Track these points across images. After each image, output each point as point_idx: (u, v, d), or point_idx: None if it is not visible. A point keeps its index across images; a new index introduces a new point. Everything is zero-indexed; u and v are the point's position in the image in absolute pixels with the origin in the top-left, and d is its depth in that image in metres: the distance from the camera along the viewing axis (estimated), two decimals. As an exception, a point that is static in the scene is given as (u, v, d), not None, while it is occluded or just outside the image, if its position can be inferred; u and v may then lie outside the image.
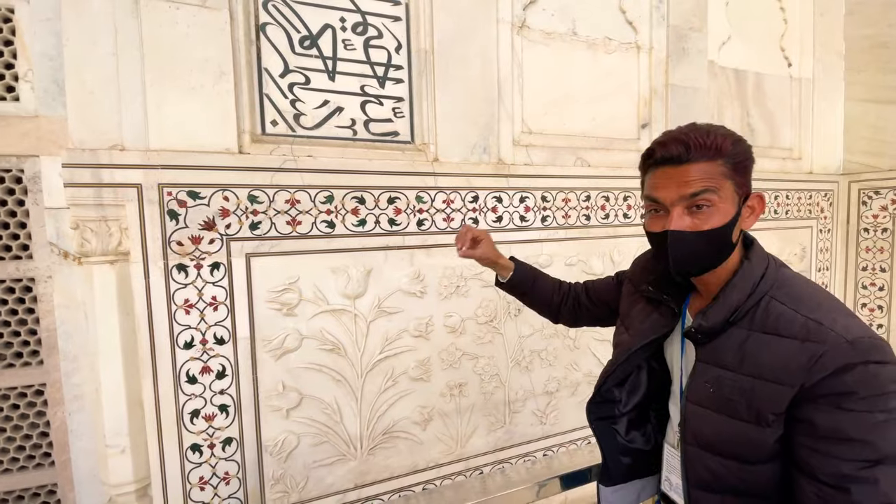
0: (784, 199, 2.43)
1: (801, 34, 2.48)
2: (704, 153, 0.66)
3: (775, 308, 0.66)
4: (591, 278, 1.17)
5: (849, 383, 0.58)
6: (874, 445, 0.58)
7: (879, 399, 0.58)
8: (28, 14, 1.28)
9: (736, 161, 0.67)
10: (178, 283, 1.29)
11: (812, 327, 0.62)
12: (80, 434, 1.36)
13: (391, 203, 1.52)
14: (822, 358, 0.60)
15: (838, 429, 0.59)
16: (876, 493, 0.57)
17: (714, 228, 0.67)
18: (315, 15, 1.44)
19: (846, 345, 0.60)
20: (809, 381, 0.60)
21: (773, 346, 0.64)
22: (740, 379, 0.66)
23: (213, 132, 1.30)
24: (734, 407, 0.66)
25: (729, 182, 0.67)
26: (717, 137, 0.67)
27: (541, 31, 1.79)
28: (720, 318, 0.69)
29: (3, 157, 1.27)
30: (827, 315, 0.63)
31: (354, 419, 1.53)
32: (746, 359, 0.66)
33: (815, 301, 0.66)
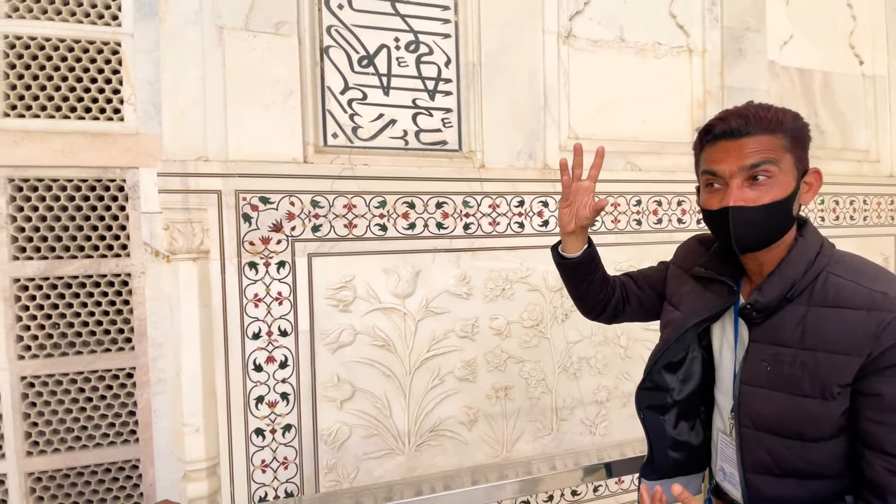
0: (861, 204, 2.29)
1: (872, 31, 2.36)
2: (765, 126, 0.68)
3: (834, 282, 0.67)
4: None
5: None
6: None
7: None
8: (132, 47, 1.53)
9: (795, 135, 0.69)
10: (249, 279, 1.46)
11: (877, 297, 0.63)
12: (162, 414, 1.55)
13: (439, 208, 1.63)
14: (891, 325, 0.60)
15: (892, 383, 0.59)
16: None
17: (775, 201, 0.68)
18: (372, 36, 1.60)
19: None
20: (878, 349, 0.60)
21: (836, 317, 0.64)
22: (801, 354, 0.66)
23: (282, 144, 1.48)
24: (795, 383, 0.66)
25: (789, 155, 0.69)
26: (777, 112, 0.70)
27: (587, 39, 1.85)
28: (777, 294, 0.69)
29: (110, 168, 1.52)
30: (890, 285, 0.64)
31: (403, 414, 1.62)
32: (807, 333, 0.66)
33: (874, 273, 0.67)
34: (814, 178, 0.72)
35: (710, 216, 0.74)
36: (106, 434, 1.55)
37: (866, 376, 0.61)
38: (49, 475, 1.50)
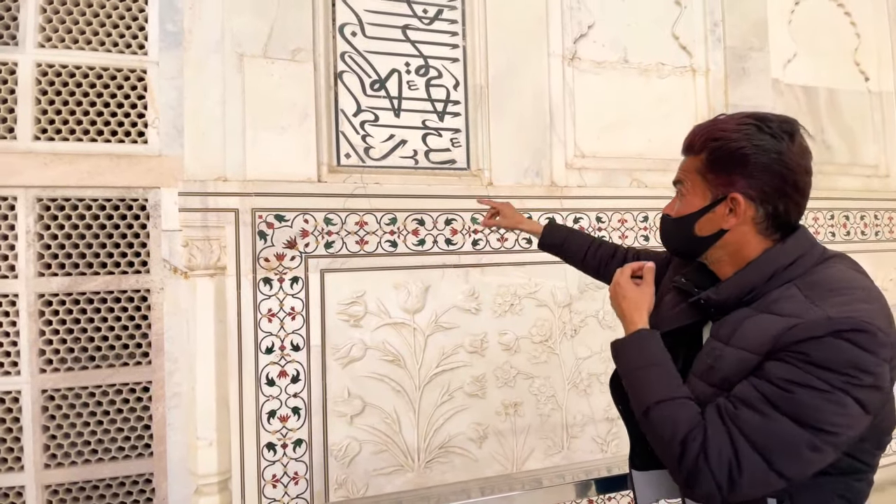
0: (872, 219, 2.30)
1: (877, 47, 2.42)
2: (687, 146, 0.75)
3: (789, 292, 0.66)
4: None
5: (805, 348, 0.58)
6: (789, 397, 0.57)
7: (828, 372, 0.57)
8: (157, 74, 1.63)
9: (710, 157, 0.71)
10: (264, 295, 1.51)
11: (804, 307, 0.62)
12: (176, 428, 1.59)
13: (448, 224, 1.69)
14: (794, 329, 0.59)
15: (770, 371, 0.60)
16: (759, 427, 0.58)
17: (679, 217, 0.75)
18: (384, 62, 1.69)
19: (824, 319, 0.58)
20: (774, 349, 0.61)
21: (760, 319, 0.65)
22: (724, 349, 0.67)
23: (297, 164, 1.56)
24: (711, 374, 0.68)
25: (699, 177, 0.72)
26: (699, 133, 0.73)
27: (591, 61, 1.93)
28: (731, 294, 0.70)
29: (133, 188, 1.60)
30: (834, 299, 0.61)
31: (412, 430, 1.64)
32: (737, 333, 0.67)
33: (832, 287, 0.64)
34: (734, 204, 0.69)
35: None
36: (121, 447, 1.60)
37: (762, 363, 0.62)
38: (66, 488, 1.55)
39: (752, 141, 0.67)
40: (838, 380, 0.57)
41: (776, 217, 0.69)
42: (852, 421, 0.58)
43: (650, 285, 0.82)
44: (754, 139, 0.67)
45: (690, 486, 0.63)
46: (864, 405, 0.58)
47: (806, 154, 0.69)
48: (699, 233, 0.73)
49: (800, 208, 0.70)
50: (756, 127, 0.68)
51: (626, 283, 0.82)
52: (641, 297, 0.80)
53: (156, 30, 1.62)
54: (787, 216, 0.69)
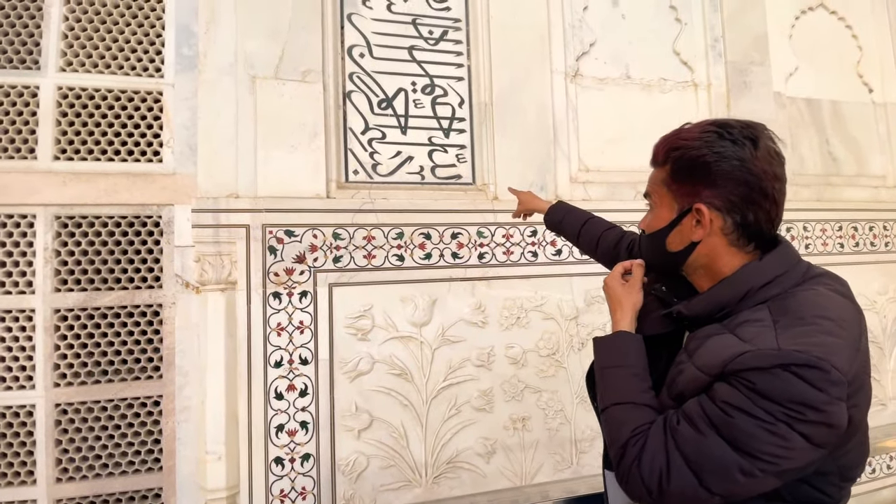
0: (881, 230, 2.30)
1: (880, 59, 2.45)
2: (653, 160, 0.74)
3: (758, 315, 0.63)
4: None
5: (751, 377, 0.57)
6: (728, 421, 0.57)
7: (770, 403, 0.55)
8: (173, 96, 1.71)
9: (674, 167, 0.69)
10: (273, 309, 1.55)
11: (765, 334, 0.59)
12: (186, 442, 1.61)
13: (454, 238, 1.72)
14: (741, 358, 0.57)
15: (716, 392, 0.59)
16: (693, 443, 0.59)
17: (651, 232, 0.74)
18: (391, 81, 1.75)
19: (773, 351, 0.56)
20: (723, 372, 0.59)
21: (723, 341, 0.62)
22: (686, 364, 0.66)
23: (307, 181, 1.61)
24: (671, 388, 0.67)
25: (665, 189, 0.71)
26: (660, 146, 0.71)
27: (594, 77, 1.98)
28: (702, 310, 0.68)
29: (148, 206, 1.66)
30: (796, 329, 0.59)
31: (420, 445, 1.65)
32: (700, 349, 0.65)
33: (801, 315, 0.61)
34: (701, 215, 0.67)
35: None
36: (132, 462, 1.62)
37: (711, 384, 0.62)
38: (76, 502, 1.57)
39: (713, 148, 0.65)
40: (780, 412, 0.55)
41: (746, 227, 0.66)
42: (794, 454, 0.56)
43: (636, 285, 0.81)
44: (715, 146, 0.65)
45: (624, 487, 0.65)
46: (810, 439, 0.55)
47: (774, 160, 0.66)
48: (671, 247, 0.72)
49: (771, 217, 0.67)
50: (717, 134, 0.66)
51: (614, 281, 0.82)
52: (626, 298, 0.79)
53: (172, 53, 1.70)
54: (757, 226, 0.66)
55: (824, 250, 2.21)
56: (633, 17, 2.05)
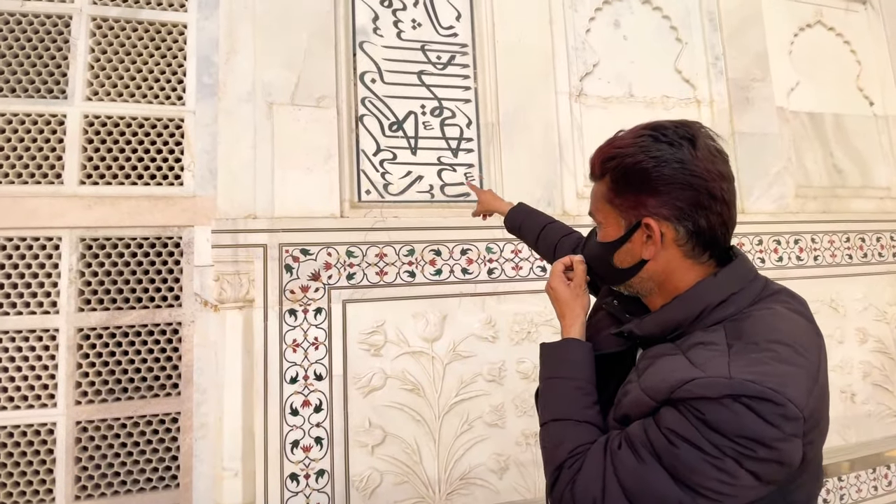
0: (888, 240, 2.33)
1: (879, 72, 2.51)
2: (594, 170, 0.67)
3: (712, 337, 0.58)
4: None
5: (701, 407, 0.52)
6: (672, 451, 0.52)
7: (720, 438, 0.50)
8: (193, 122, 1.80)
9: (614, 178, 0.63)
10: (289, 326, 1.60)
11: (714, 358, 0.54)
12: (202, 459, 1.65)
13: (464, 254, 1.77)
14: (690, 383, 0.53)
15: (664, 419, 0.54)
16: (631, 469, 0.55)
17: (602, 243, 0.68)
18: (401, 105, 1.84)
19: (724, 380, 0.51)
20: (670, 398, 0.55)
21: (673, 363, 0.57)
22: (632, 384, 0.62)
23: (321, 201, 1.68)
24: (617, 408, 0.63)
25: (608, 205, 0.65)
26: (601, 154, 0.65)
27: (598, 96, 2.05)
28: (653, 331, 0.64)
29: (169, 227, 1.74)
30: (751, 356, 0.54)
31: (433, 461, 1.67)
32: (649, 369, 0.60)
33: (755, 340, 0.56)
34: (651, 231, 0.62)
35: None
36: (149, 479, 1.66)
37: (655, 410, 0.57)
38: (95, 520, 1.60)
39: (650, 153, 0.60)
40: (730, 447, 0.50)
41: (700, 234, 0.61)
42: (739, 491, 0.52)
43: (581, 284, 0.76)
44: (651, 151, 0.60)
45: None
46: (759, 477, 0.51)
47: (716, 158, 0.61)
48: (619, 265, 0.66)
49: (724, 219, 0.61)
50: (651, 137, 0.61)
51: (558, 283, 0.76)
52: (574, 300, 0.74)
53: (193, 82, 1.80)
54: (712, 232, 0.61)
55: (833, 262, 2.23)
56: (634, 38, 2.14)
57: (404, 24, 1.88)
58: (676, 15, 2.20)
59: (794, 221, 2.21)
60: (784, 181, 2.25)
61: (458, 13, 1.94)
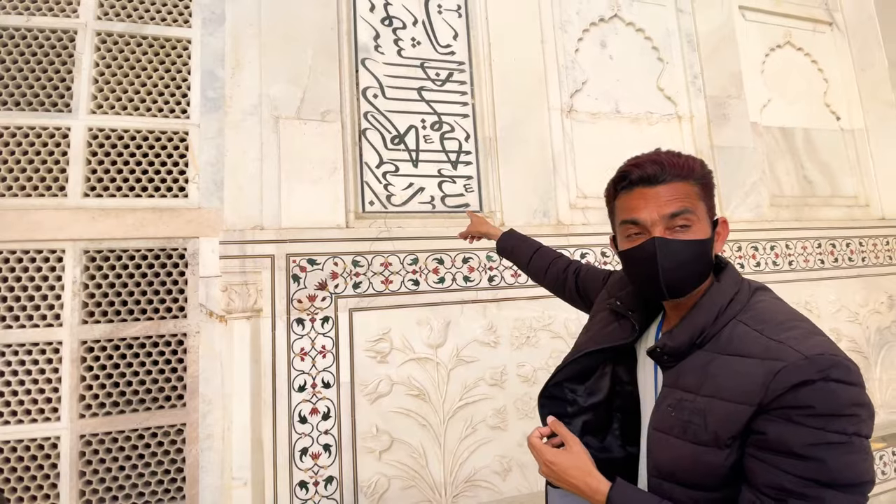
0: (857, 246, 2.51)
1: (844, 90, 2.73)
2: (678, 172, 0.70)
3: (740, 330, 0.67)
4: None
5: (805, 398, 0.58)
6: (823, 465, 0.57)
7: (836, 419, 0.57)
8: (198, 135, 1.84)
9: (704, 182, 0.72)
10: (297, 335, 1.65)
11: (773, 346, 0.62)
12: (209, 470, 1.67)
13: (465, 262, 1.86)
14: (780, 374, 0.59)
15: (785, 441, 0.58)
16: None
17: (700, 240, 0.70)
18: (402, 119, 1.92)
19: (804, 361, 0.59)
20: (766, 399, 0.60)
21: (733, 365, 0.64)
22: (699, 400, 0.66)
23: (327, 212, 1.74)
24: (693, 430, 0.65)
25: (701, 203, 0.72)
26: (688, 159, 0.72)
27: (587, 112, 2.18)
28: (685, 339, 0.69)
29: (173, 238, 1.77)
30: (789, 334, 0.63)
31: (438, 465, 1.73)
32: (707, 380, 0.66)
33: (779, 321, 0.66)
34: (722, 228, 0.74)
35: (633, 254, 0.73)
36: (154, 491, 1.67)
37: (757, 417, 0.61)
38: (99, 535, 1.60)
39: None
40: (847, 424, 0.57)
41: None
42: (871, 459, 0.58)
43: (572, 438, 0.75)
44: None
45: None
46: (868, 436, 0.58)
47: None
48: (712, 259, 0.73)
49: None
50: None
51: (554, 456, 0.74)
52: (581, 458, 0.73)
53: (197, 96, 1.85)
54: None
55: (806, 266, 2.40)
56: (619, 58, 2.28)
57: (404, 42, 1.98)
58: (657, 36, 2.36)
59: (770, 229, 2.38)
60: (759, 191, 2.42)
61: (456, 33, 2.05)
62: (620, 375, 0.83)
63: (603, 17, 2.27)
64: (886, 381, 2.44)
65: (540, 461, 0.76)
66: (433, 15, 2.03)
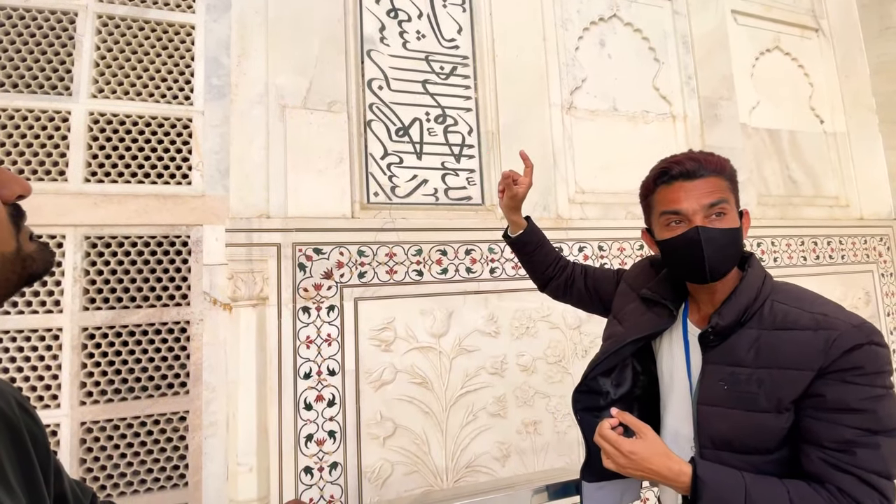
0: (838, 244, 2.64)
1: (828, 94, 2.85)
2: (713, 168, 0.80)
3: (780, 308, 0.77)
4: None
5: (856, 360, 0.70)
6: (875, 415, 0.68)
7: (879, 376, 0.70)
8: (202, 123, 1.84)
9: (732, 178, 0.83)
10: (302, 323, 1.67)
11: (820, 319, 0.73)
12: (212, 457, 1.68)
13: (468, 254, 1.90)
14: (838, 340, 0.70)
15: (843, 399, 0.69)
16: (878, 458, 0.67)
17: (734, 227, 0.80)
18: (407, 112, 1.95)
19: (854, 329, 0.71)
20: (827, 361, 0.70)
21: (787, 338, 0.74)
22: (757, 372, 0.74)
23: (333, 202, 1.76)
24: (752, 399, 0.74)
25: (732, 196, 0.82)
26: (719, 158, 0.83)
27: (586, 109, 2.24)
28: (733, 318, 0.78)
29: (177, 226, 1.77)
30: (828, 308, 0.76)
31: (440, 451, 1.78)
32: (762, 353, 0.75)
33: (811, 299, 0.79)
34: (745, 218, 0.84)
35: (676, 243, 0.80)
36: (157, 478, 1.67)
37: (814, 382, 0.71)
38: (101, 521, 1.60)
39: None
40: (887, 378, 0.70)
41: None
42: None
43: (644, 425, 0.79)
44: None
45: None
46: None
47: None
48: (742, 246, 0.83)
49: None
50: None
51: (632, 445, 0.76)
52: (659, 444, 0.77)
53: (201, 83, 1.84)
54: None
55: (790, 263, 2.52)
56: (617, 57, 2.35)
57: (409, 35, 2.00)
58: (654, 37, 2.43)
59: (757, 227, 2.48)
60: (747, 191, 2.52)
61: (460, 27, 2.08)
62: (635, 366, 0.92)
63: (602, 16, 2.33)
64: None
65: (615, 453, 0.77)
66: (438, 8, 2.06)
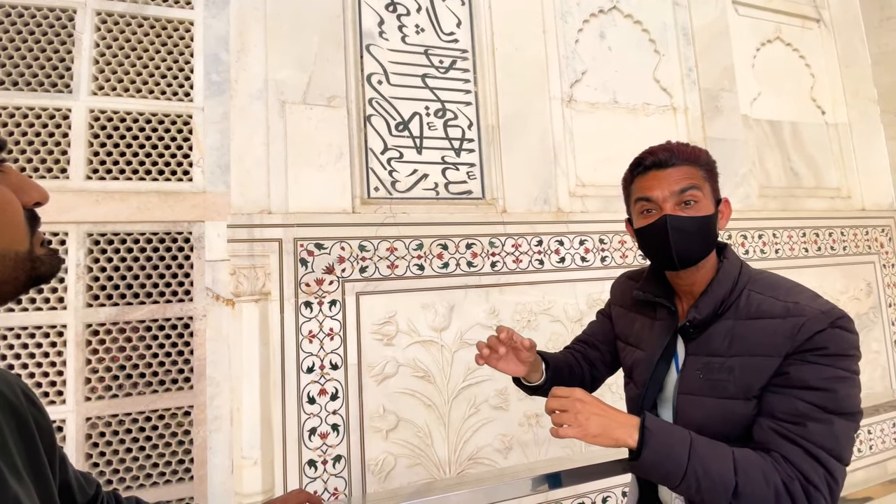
0: (839, 235, 2.65)
1: (830, 85, 2.85)
2: (685, 157, 0.83)
3: (755, 298, 0.80)
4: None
5: (820, 341, 0.72)
6: (834, 395, 0.70)
7: (843, 358, 0.72)
8: (202, 119, 1.86)
9: (708, 168, 0.85)
10: (305, 317, 1.69)
11: (791, 307, 0.76)
12: (217, 451, 1.71)
13: (469, 248, 1.92)
14: (805, 325, 0.73)
15: (803, 378, 0.72)
16: (829, 434, 0.69)
17: (705, 215, 0.81)
18: (406, 106, 1.96)
19: (821, 314, 0.73)
20: (793, 346, 0.73)
21: (759, 326, 0.76)
22: (729, 360, 0.77)
23: (334, 197, 1.78)
24: (722, 386, 0.77)
25: (706, 184, 0.84)
26: (694, 148, 0.86)
27: (586, 102, 2.25)
28: (710, 310, 0.81)
29: (178, 222, 1.79)
30: (800, 296, 0.78)
31: (443, 443, 1.80)
32: (734, 343, 0.78)
33: (787, 288, 0.81)
34: (725, 207, 0.87)
35: (647, 231, 0.84)
36: (162, 473, 1.70)
37: (780, 364, 0.74)
38: (108, 515, 1.63)
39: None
40: (851, 363, 0.72)
41: None
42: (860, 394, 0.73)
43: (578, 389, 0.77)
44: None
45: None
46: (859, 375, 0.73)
47: None
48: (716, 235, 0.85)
49: None
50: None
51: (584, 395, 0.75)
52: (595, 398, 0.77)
53: (201, 80, 1.86)
54: None
55: (792, 254, 2.53)
56: (617, 49, 2.35)
57: (408, 29, 2.01)
58: (654, 29, 2.44)
59: (758, 218, 2.50)
60: (749, 182, 2.53)
61: (459, 20, 2.09)
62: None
63: (602, 8, 2.34)
64: (863, 362, 2.59)
65: (569, 405, 0.74)
66: (437, 2, 2.07)
